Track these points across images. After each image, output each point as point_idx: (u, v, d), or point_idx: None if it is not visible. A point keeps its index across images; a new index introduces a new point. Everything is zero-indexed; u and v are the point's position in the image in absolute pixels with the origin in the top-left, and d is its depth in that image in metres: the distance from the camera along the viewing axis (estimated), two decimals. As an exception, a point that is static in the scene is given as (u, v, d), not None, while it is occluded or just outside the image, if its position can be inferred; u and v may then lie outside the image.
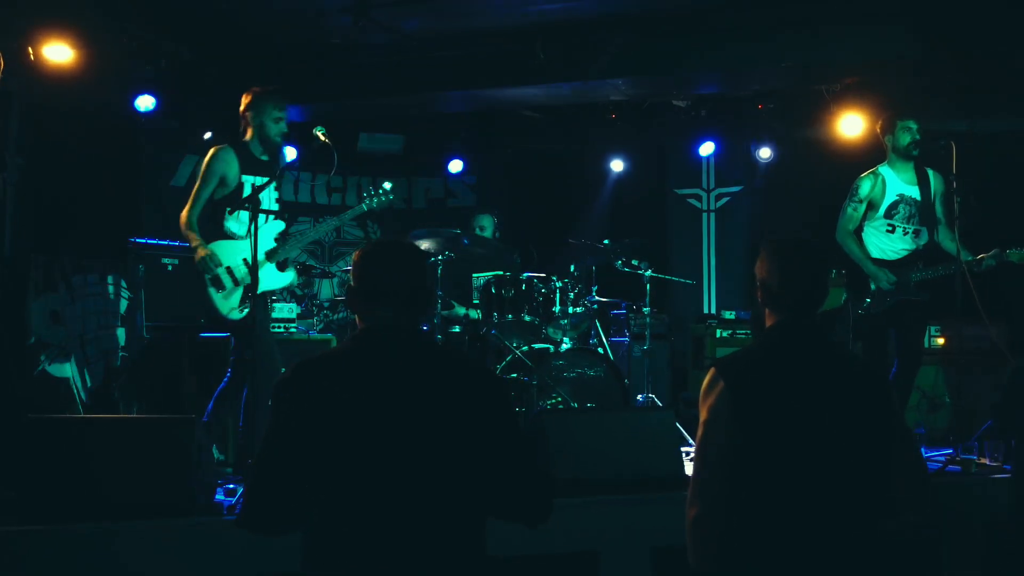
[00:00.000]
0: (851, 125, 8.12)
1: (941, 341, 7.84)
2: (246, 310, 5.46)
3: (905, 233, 6.42)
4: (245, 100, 5.68)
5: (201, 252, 5.37)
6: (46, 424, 4.49)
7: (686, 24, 7.63)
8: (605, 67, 7.97)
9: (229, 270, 5.52)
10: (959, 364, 6.79)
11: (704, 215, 10.54)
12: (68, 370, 5.87)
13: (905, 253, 6.40)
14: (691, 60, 7.90)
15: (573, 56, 7.97)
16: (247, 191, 5.50)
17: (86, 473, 4.29)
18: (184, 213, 5.52)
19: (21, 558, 4.06)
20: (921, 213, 6.42)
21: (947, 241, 6.41)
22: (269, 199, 5.66)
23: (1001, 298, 6.70)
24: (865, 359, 4.68)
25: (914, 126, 6.45)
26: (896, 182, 6.45)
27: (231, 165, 5.56)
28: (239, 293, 5.52)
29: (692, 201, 10.59)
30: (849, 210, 6.47)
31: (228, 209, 5.55)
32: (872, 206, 6.46)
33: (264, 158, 5.66)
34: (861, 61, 7.65)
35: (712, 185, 10.54)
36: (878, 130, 6.64)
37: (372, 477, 2.55)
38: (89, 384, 5.99)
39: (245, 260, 5.52)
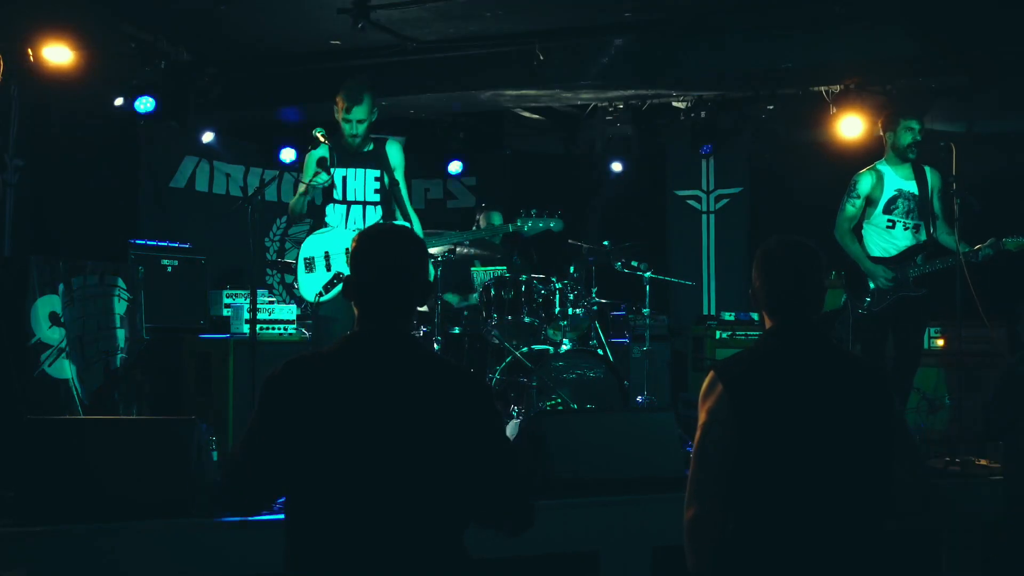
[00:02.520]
0: (851, 127, 8.11)
1: (941, 342, 7.83)
2: (326, 296, 5.59)
3: (905, 228, 6.43)
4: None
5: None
6: (45, 425, 4.49)
7: (685, 25, 7.63)
8: (604, 68, 7.97)
9: (327, 255, 5.75)
10: (958, 365, 6.78)
11: (704, 216, 10.53)
12: (68, 371, 5.85)
13: (904, 248, 6.42)
14: (691, 61, 7.91)
15: (572, 57, 7.97)
16: (338, 183, 5.81)
17: (85, 474, 4.28)
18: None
19: (20, 558, 4.05)
20: (920, 208, 6.44)
21: (945, 236, 6.43)
22: (365, 189, 5.87)
23: (1001, 299, 6.70)
24: (865, 359, 4.68)
25: (916, 126, 6.45)
26: (894, 178, 6.48)
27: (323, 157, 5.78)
28: (326, 278, 5.67)
29: (692, 202, 10.58)
30: (848, 207, 6.48)
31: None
32: (871, 203, 6.48)
33: (365, 149, 5.88)
34: (861, 62, 7.65)
35: (712, 187, 10.54)
36: (879, 125, 6.63)
37: (352, 478, 2.56)
38: (88, 385, 5.97)
39: (347, 250, 5.68)
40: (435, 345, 6.66)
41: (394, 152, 5.99)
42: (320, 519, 2.57)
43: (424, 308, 7.25)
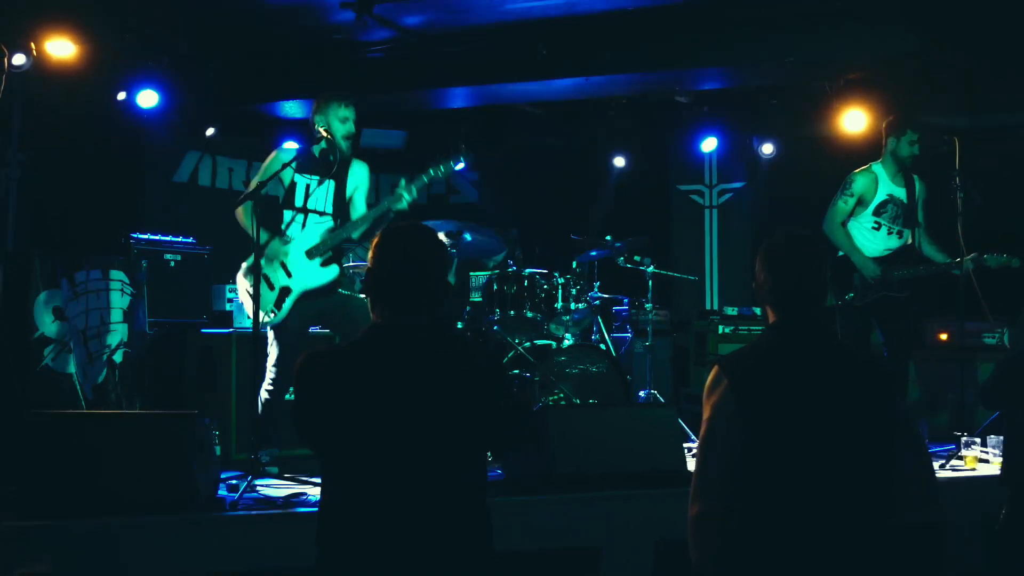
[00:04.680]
0: (853, 121, 8.12)
1: (944, 337, 7.84)
2: (280, 314, 5.56)
3: (890, 233, 6.54)
4: (313, 106, 5.78)
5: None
6: (48, 420, 4.49)
7: (688, 20, 7.62)
8: (607, 63, 7.97)
9: (265, 276, 5.58)
10: (961, 359, 6.80)
11: (706, 211, 10.54)
12: (70, 366, 5.86)
13: (888, 252, 6.52)
14: (693, 56, 7.90)
15: (575, 52, 7.97)
16: (300, 191, 5.65)
17: (87, 469, 4.28)
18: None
19: (22, 554, 4.06)
20: (906, 215, 6.56)
21: (926, 246, 6.60)
22: (325, 200, 5.71)
23: (1004, 294, 6.71)
24: (870, 354, 4.69)
25: (918, 137, 6.53)
26: (887, 182, 6.57)
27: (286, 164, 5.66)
28: (272, 296, 5.59)
29: (694, 197, 10.59)
30: (840, 203, 6.57)
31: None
32: (862, 202, 6.56)
33: (330, 158, 5.70)
34: (863, 57, 7.65)
35: (714, 181, 10.54)
36: (883, 128, 6.65)
37: (381, 458, 2.68)
38: (91, 380, 5.98)
39: (283, 263, 5.62)
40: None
41: (362, 172, 5.88)
42: (353, 495, 2.69)
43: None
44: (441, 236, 6.92)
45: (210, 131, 8.84)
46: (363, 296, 5.69)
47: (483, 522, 2.80)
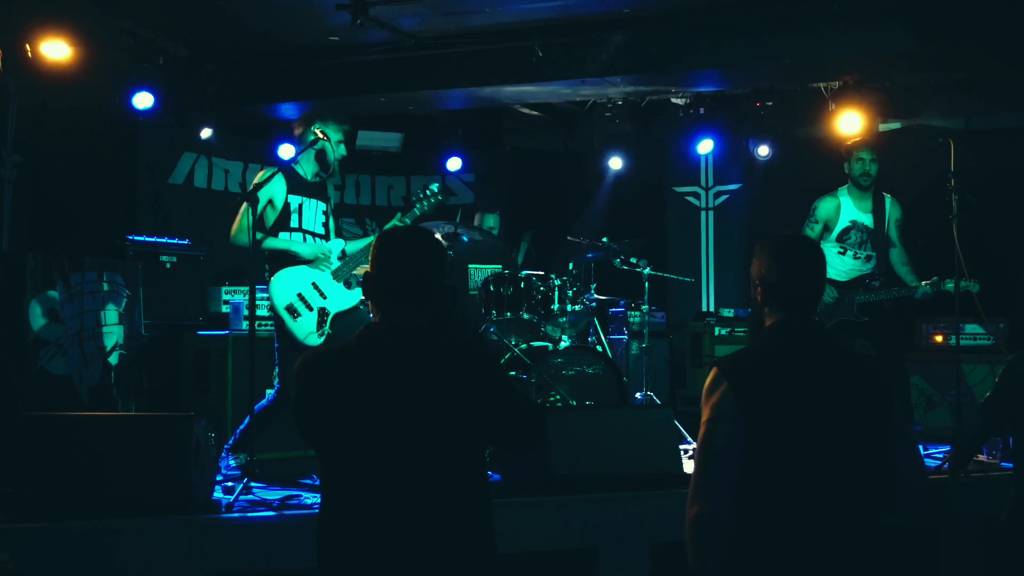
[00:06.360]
0: (849, 123, 8.11)
1: (939, 338, 7.84)
2: (325, 333, 5.60)
3: (856, 257, 6.68)
4: (300, 123, 5.82)
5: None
6: (44, 421, 4.49)
7: (685, 22, 7.63)
8: (604, 65, 7.97)
9: (300, 296, 5.61)
10: (956, 361, 6.79)
11: (703, 213, 10.54)
12: (66, 368, 5.86)
13: (855, 275, 6.67)
14: (690, 58, 7.91)
15: (572, 54, 7.97)
16: (295, 211, 5.67)
17: (84, 470, 4.28)
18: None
19: (18, 555, 4.05)
20: (873, 239, 6.66)
21: (899, 265, 6.69)
22: (315, 221, 5.77)
23: (1001, 296, 6.72)
24: (866, 355, 4.69)
25: (867, 156, 6.65)
26: (851, 208, 6.70)
27: (279, 186, 5.65)
28: (314, 317, 5.62)
29: (691, 199, 10.59)
30: (807, 230, 6.73)
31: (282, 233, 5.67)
32: (827, 228, 6.71)
33: (315, 180, 5.78)
34: (859, 59, 7.65)
35: (711, 183, 10.54)
36: (842, 154, 6.84)
37: (380, 454, 2.70)
38: (87, 382, 5.97)
39: (314, 283, 5.66)
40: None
41: (333, 193, 6.00)
42: (353, 494, 2.72)
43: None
44: (437, 236, 6.92)
45: (206, 132, 8.81)
46: None
47: (484, 521, 2.80)
